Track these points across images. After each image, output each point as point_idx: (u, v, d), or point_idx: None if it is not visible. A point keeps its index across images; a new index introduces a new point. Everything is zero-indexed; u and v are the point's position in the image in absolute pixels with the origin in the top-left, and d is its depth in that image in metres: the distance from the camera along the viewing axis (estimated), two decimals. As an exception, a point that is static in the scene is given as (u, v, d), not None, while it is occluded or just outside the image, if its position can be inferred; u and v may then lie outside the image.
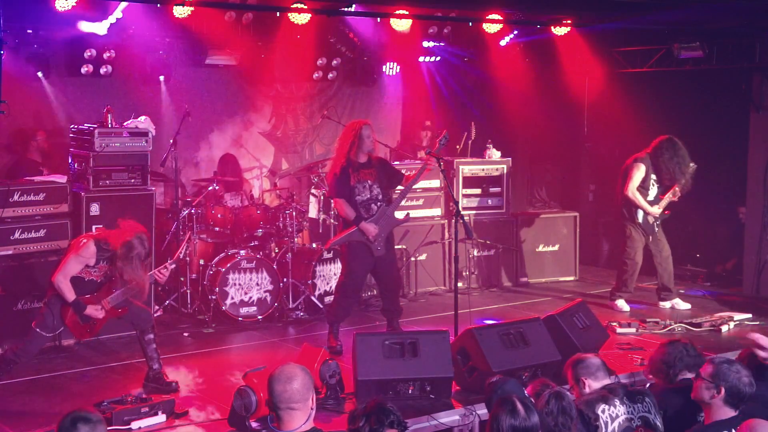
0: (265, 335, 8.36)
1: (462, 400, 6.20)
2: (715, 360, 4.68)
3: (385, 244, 7.72)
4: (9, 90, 7.25)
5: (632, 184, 8.98)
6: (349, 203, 7.61)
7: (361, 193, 7.64)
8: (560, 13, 10.03)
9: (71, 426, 3.66)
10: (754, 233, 10.09)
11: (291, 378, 3.82)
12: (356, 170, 7.63)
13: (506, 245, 10.48)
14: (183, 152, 9.63)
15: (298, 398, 3.80)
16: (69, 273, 6.27)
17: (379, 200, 7.70)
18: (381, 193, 7.72)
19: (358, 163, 7.65)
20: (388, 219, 7.72)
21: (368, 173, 7.67)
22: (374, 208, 7.67)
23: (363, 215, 7.62)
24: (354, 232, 7.62)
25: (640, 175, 8.98)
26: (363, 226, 7.58)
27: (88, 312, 6.35)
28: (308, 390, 3.84)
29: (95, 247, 6.28)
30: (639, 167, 8.98)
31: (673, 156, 8.90)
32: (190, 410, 6.08)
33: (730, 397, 4.51)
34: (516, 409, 4.02)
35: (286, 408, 3.79)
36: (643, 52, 10.75)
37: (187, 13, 8.52)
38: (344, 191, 7.60)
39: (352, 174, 7.61)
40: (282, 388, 3.79)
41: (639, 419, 4.76)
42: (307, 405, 3.83)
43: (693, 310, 9.08)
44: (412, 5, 9.42)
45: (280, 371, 3.86)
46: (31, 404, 6.32)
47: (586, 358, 5.10)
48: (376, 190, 7.69)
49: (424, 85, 11.92)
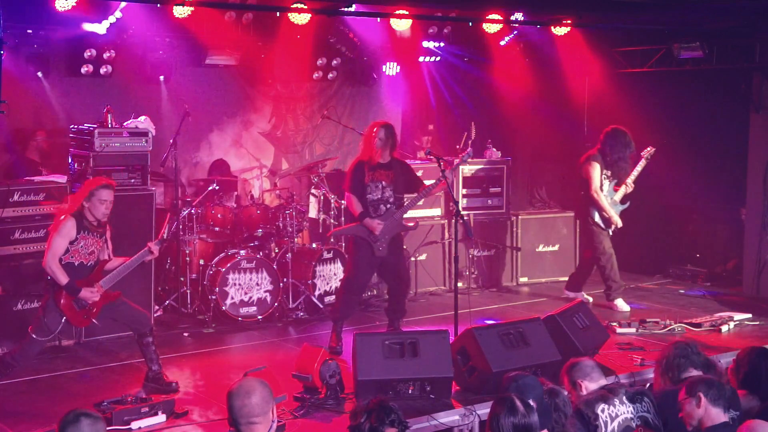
0: (265, 335, 8.36)
1: (462, 400, 6.21)
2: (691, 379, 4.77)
3: (389, 246, 7.72)
4: (9, 90, 7.23)
5: (595, 184, 9.07)
6: (359, 200, 7.66)
7: (373, 193, 7.68)
8: (560, 13, 10.03)
9: (74, 420, 3.69)
10: (754, 233, 10.09)
11: (249, 392, 3.78)
12: (373, 169, 7.67)
13: (506, 245, 10.49)
14: (183, 152, 9.62)
15: (257, 412, 3.76)
16: (56, 253, 6.30)
17: (390, 202, 7.72)
18: (393, 196, 7.74)
19: (378, 162, 7.69)
20: (394, 222, 7.73)
21: (384, 174, 7.70)
22: (382, 208, 7.70)
23: (370, 213, 7.65)
24: (358, 226, 7.69)
25: (598, 173, 9.07)
26: (367, 222, 7.62)
27: (82, 295, 6.36)
28: (267, 403, 3.80)
29: (72, 218, 6.34)
30: (594, 165, 9.08)
31: (620, 145, 9.03)
32: (190, 410, 6.08)
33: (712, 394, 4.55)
34: (515, 407, 4.02)
35: (247, 423, 3.76)
36: (643, 52, 10.74)
37: (187, 13, 8.52)
38: (357, 187, 7.67)
39: (368, 172, 7.66)
40: (241, 403, 3.76)
41: (638, 419, 4.76)
42: (268, 418, 3.80)
43: (693, 310, 9.09)
44: (412, 5, 9.41)
45: (239, 387, 3.83)
46: (31, 404, 6.32)
47: (579, 360, 5.14)
48: (388, 192, 7.72)
49: (424, 85, 11.92)
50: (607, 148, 9.08)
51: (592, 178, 9.04)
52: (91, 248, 6.44)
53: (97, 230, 6.45)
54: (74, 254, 6.37)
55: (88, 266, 6.46)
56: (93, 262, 6.47)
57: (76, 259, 6.39)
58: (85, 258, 6.43)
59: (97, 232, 6.45)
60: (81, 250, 6.40)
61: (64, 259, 6.34)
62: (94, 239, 6.45)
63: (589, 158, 9.13)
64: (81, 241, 6.38)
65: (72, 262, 6.37)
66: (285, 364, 6.92)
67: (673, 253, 11.16)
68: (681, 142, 10.89)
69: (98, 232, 6.46)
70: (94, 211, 6.37)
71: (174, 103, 9.91)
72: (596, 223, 9.15)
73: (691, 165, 10.79)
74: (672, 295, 10.01)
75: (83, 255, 6.42)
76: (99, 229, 6.46)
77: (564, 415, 4.36)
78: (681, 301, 9.70)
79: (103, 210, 6.39)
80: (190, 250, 8.88)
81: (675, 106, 10.87)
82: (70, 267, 6.36)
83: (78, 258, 6.39)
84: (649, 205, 11.32)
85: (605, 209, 9.08)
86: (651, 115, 10.91)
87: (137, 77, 9.76)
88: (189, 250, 8.87)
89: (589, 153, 9.21)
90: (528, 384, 4.57)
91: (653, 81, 10.83)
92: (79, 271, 6.40)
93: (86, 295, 6.38)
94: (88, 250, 6.43)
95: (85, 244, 6.40)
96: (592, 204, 9.10)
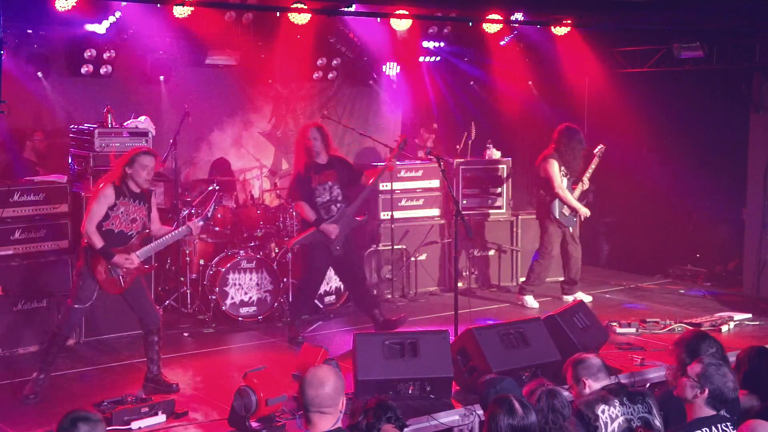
0: (265, 335, 8.36)
1: (462, 400, 6.20)
2: (704, 360, 4.68)
3: (344, 243, 7.90)
4: (9, 90, 7.23)
5: (557, 182, 9.17)
6: (309, 204, 7.80)
7: (322, 195, 7.84)
8: (560, 13, 10.03)
9: (71, 426, 3.65)
10: (754, 233, 10.08)
11: (324, 382, 3.83)
12: (317, 172, 7.82)
13: (506, 245, 10.49)
14: (183, 152, 9.62)
15: (330, 403, 3.82)
16: (93, 218, 6.32)
17: (339, 201, 7.89)
18: (341, 193, 7.91)
19: (318, 164, 7.84)
20: (347, 219, 7.90)
21: (329, 174, 7.86)
22: (334, 209, 7.86)
23: (323, 216, 7.79)
24: (315, 232, 7.81)
25: (557, 170, 9.18)
26: (324, 227, 7.78)
27: (116, 260, 6.34)
28: (339, 394, 3.86)
29: (111, 185, 6.37)
30: (552, 164, 9.19)
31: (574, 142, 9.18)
32: (190, 410, 6.07)
33: (713, 399, 4.52)
34: (514, 408, 4.02)
35: (317, 411, 3.81)
36: (643, 52, 10.74)
37: (187, 13, 8.52)
38: (304, 194, 7.81)
39: (314, 176, 7.81)
40: (315, 393, 3.81)
41: (639, 420, 4.76)
42: (337, 409, 3.85)
43: (693, 310, 9.09)
44: (412, 5, 9.41)
45: (313, 375, 3.87)
46: (31, 404, 6.31)
47: (587, 358, 5.09)
48: (336, 191, 7.88)
49: (424, 85, 11.91)
50: (562, 146, 9.22)
51: (554, 176, 9.15)
52: (132, 215, 6.46)
53: (139, 197, 6.47)
54: (114, 221, 6.38)
55: (129, 235, 6.46)
56: (135, 232, 6.48)
57: (117, 226, 6.39)
58: (126, 226, 6.44)
59: (139, 199, 6.47)
60: (122, 216, 6.41)
61: (105, 226, 6.35)
62: (137, 206, 6.47)
63: (547, 157, 9.26)
64: (121, 207, 6.38)
65: (112, 229, 6.38)
66: (285, 364, 6.93)
67: (673, 253, 11.15)
68: (681, 142, 10.90)
69: (141, 199, 6.48)
70: (136, 176, 6.39)
71: (174, 103, 9.91)
72: (557, 221, 9.24)
73: (691, 165, 10.79)
74: (672, 295, 10.01)
75: (124, 222, 6.43)
76: (141, 197, 6.48)
77: (562, 416, 4.36)
78: (681, 301, 9.70)
79: (145, 176, 6.42)
80: (190, 250, 8.88)
81: (675, 106, 10.87)
82: (110, 234, 6.36)
83: (119, 225, 6.40)
84: (650, 205, 11.35)
85: (571, 201, 9.23)
86: (651, 115, 10.92)
87: (137, 77, 9.76)
88: (189, 250, 8.87)
89: (545, 153, 9.33)
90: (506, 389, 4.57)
91: (653, 81, 10.82)
92: (119, 239, 6.41)
93: (120, 261, 6.37)
94: (130, 217, 6.45)
95: (125, 210, 6.41)
96: (556, 200, 9.20)
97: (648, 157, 11.21)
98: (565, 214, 9.28)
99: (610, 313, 8.87)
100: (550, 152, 9.25)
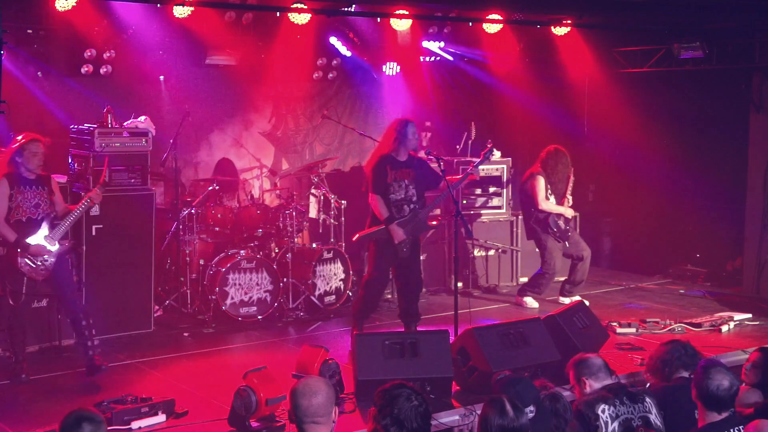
0: (265, 335, 8.35)
1: (462, 400, 6.20)
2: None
3: (411, 246, 7.62)
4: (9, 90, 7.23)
5: (540, 196, 9.23)
6: (384, 201, 7.48)
7: (396, 192, 7.50)
8: (560, 13, 10.03)
9: (75, 424, 3.64)
10: (754, 233, 10.09)
11: (315, 392, 3.81)
12: (395, 168, 7.50)
13: (506, 245, 10.49)
14: (183, 152, 9.61)
15: (323, 412, 3.80)
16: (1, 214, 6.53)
17: (413, 202, 7.56)
18: (416, 194, 7.58)
19: (398, 161, 7.53)
20: (418, 223, 7.60)
21: (406, 173, 7.54)
22: (407, 209, 7.53)
23: (395, 215, 7.51)
24: (381, 230, 7.50)
25: (543, 187, 9.25)
26: (392, 228, 7.45)
27: (33, 250, 6.57)
28: (331, 404, 3.84)
29: (4, 178, 6.58)
30: (538, 180, 9.27)
31: (561, 165, 9.28)
32: (190, 410, 6.07)
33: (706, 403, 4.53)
34: (505, 410, 4.02)
35: (311, 422, 3.79)
36: (643, 52, 10.75)
37: (187, 13, 8.52)
38: (381, 187, 7.48)
39: (390, 171, 7.48)
40: (307, 403, 3.78)
41: (639, 419, 4.76)
42: (330, 419, 3.84)
43: (693, 310, 9.10)
44: (412, 5, 9.41)
45: (304, 386, 3.85)
46: (31, 404, 6.31)
47: (589, 358, 5.11)
48: (411, 190, 7.55)
49: (425, 84, 11.90)
50: (549, 168, 9.29)
51: (539, 191, 9.21)
52: (34, 200, 6.64)
53: (35, 182, 6.67)
54: (18, 210, 6.58)
55: (38, 219, 6.64)
56: (42, 215, 6.66)
57: (23, 214, 6.59)
58: (32, 212, 6.63)
59: (36, 184, 6.67)
60: (23, 204, 6.59)
61: (12, 218, 6.55)
62: (35, 191, 6.67)
63: (533, 174, 9.32)
64: (18, 196, 6.58)
65: (20, 218, 6.59)
66: (285, 364, 6.92)
67: (673, 253, 11.16)
68: (681, 142, 10.90)
69: (37, 184, 6.68)
70: (28, 164, 6.61)
71: (174, 103, 9.91)
72: (554, 233, 9.26)
73: (692, 165, 10.80)
74: (672, 295, 10.02)
75: (28, 209, 6.61)
76: (38, 182, 6.69)
77: (564, 420, 4.36)
78: (681, 301, 9.71)
79: (36, 162, 6.65)
80: (190, 250, 8.88)
81: (675, 106, 10.88)
82: (20, 224, 6.58)
83: (24, 213, 6.60)
84: (650, 205, 11.35)
85: (555, 209, 9.27)
86: (651, 115, 10.93)
87: (137, 77, 9.75)
88: (189, 250, 8.87)
89: (531, 170, 9.39)
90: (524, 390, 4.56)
91: (653, 81, 10.83)
92: (29, 227, 6.61)
93: (37, 249, 6.59)
94: (32, 203, 6.63)
95: (24, 197, 6.60)
96: (546, 213, 9.22)
97: (648, 157, 11.21)
98: (561, 226, 9.26)
99: (610, 313, 8.87)
100: (537, 170, 9.31)
